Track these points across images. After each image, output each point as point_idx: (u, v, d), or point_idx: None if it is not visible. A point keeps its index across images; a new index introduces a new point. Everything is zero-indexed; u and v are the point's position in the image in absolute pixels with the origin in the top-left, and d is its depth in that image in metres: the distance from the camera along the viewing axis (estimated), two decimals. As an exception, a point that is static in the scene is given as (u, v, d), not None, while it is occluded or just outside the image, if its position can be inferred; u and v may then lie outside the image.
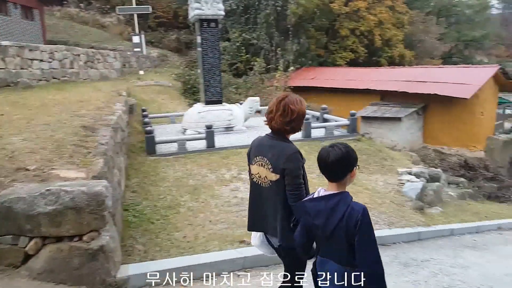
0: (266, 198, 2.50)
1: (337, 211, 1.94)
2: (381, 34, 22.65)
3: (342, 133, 10.69)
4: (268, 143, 2.53)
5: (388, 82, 17.91)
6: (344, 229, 1.91)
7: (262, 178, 2.50)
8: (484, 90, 16.25)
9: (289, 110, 2.42)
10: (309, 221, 2.04)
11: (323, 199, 2.02)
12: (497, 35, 62.37)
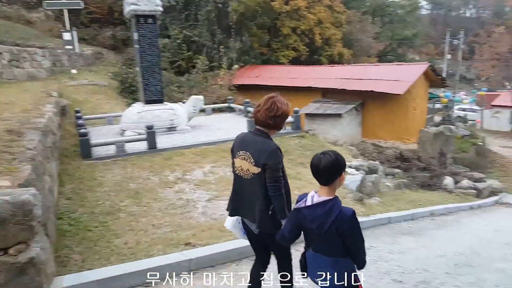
0: (247, 189, 2.75)
1: (331, 215, 2.23)
2: (321, 33, 23.33)
3: (287, 130, 10.83)
4: (251, 139, 2.74)
5: (328, 80, 18.49)
6: (336, 230, 2.23)
7: (244, 171, 2.73)
8: (416, 86, 17.33)
9: (275, 107, 2.68)
10: (306, 224, 2.32)
11: (318, 206, 2.28)
12: (427, 34, 67.21)
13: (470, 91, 48.00)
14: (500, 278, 4.58)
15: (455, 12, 79.36)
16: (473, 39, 43.83)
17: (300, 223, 2.37)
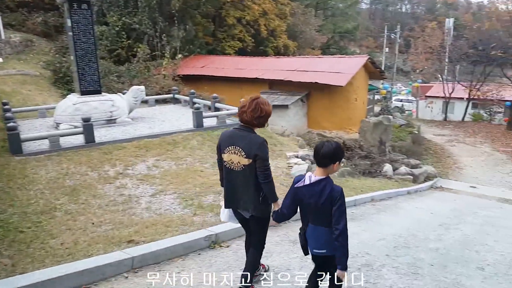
0: (238, 179, 3.08)
1: (325, 191, 2.71)
2: (266, 24, 23.43)
3: (234, 121, 10.73)
4: (239, 135, 3.07)
5: (275, 72, 18.64)
6: (329, 203, 2.70)
7: (235, 164, 3.06)
8: (357, 78, 18.01)
9: (259, 108, 3.02)
10: (305, 199, 2.78)
11: (315, 184, 2.74)
12: (367, 28, 70.17)
13: (407, 83, 51.08)
14: (434, 257, 4.87)
15: (392, 7, 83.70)
16: (409, 33, 46.50)
17: (300, 198, 2.82)
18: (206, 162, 7.67)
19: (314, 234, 2.86)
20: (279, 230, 5.36)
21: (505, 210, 9.24)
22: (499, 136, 23.05)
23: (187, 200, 5.84)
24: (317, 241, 2.85)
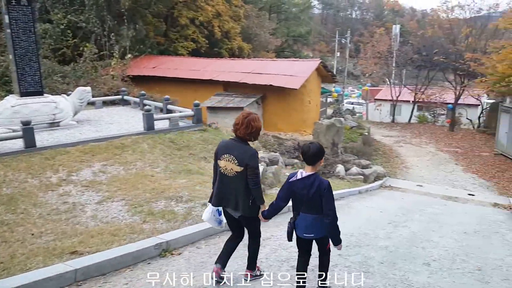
0: (230, 184, 3.48)
1: (314, 184, 3.21)
2: (220, 25, 23.29)
3: (187, 124, 10.53)
4: (234, 145, 3.49)
5: (230, 73, 18.54)
6: (318, 194, 3.20)
7: (228, 170, 3.46)
8: (310, 81, 18.37)
9: (251, 125, 3.43)
10: (298, 191, 3.26)
11: (306, 178, 3.24)
12: (319, 33, 72.07)
13: (357, 86, 52.98)
14: (384, 255, 5.01)
15: (343, 13, 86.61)
16: (359, 38, 48.24)
17: (294, 190, 3.29)
18: (157, 167, 7.43)
19: (305, 221, 3.32)
20: (233, 235, 5.27)
21: (448, 207, 9.77)
22: (442, 136, 24.50)
23: (136, 207, 5.59)
24: (307, 227, 3.32)
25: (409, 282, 4.15)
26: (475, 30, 26.30)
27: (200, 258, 4.38)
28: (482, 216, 8.84)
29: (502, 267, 5.00)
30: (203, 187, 6.77)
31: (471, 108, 29.81)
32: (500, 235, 6.98)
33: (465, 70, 25.06)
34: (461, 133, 25.68)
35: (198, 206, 5.85)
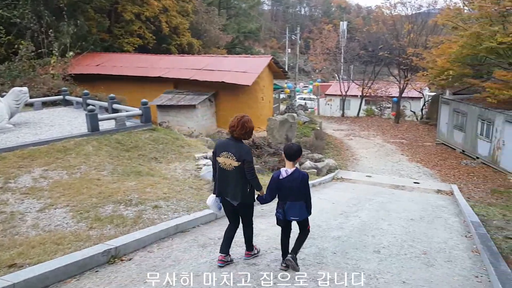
0: (230, 177, 3.99)
1: (297, 178, 3.91)
2: (167, 21, 22.68)
3: (135, 123, 10.13)
4: (231, 144, 4.00)
5: (180, 70, 18.15)
6: (302, 185, 3.93)
7: (227, 165, 3.97)
8: (263, 77, 18.46)
9: (245, 126, 3.95)
10: (286, 185, 3.91)
11: (291, 174, 3.91)
12: (270, 29, 72.68)
13: (308, 82, 54.14)
14: (336, 245, 5.12)
15: (292, 10, 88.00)
16: (308, 35, 49.32)
17: (282, 185, 3.92)
18: (103, 170, 7.07)
19: (293, 207, 3.97)
20: (188, 236, 5.14)
21: (395, 196, 10.24)
22: (388, 129, 25.69)
23: (82, 213, 5.28)
24: (294, 212, 3.97)
25: (360, 270, 4.26)
26: (416, 26, 27.78)
27: (152, 262, 4.21)
28: (426, 203, 9.35)
29: (445, 250, 5.30)
30: (154, 189, 6.55)
31: (414, 100, 31.55)
32: (443, 219, 7.41)
33: (408, 65, 26.44)
34: (405, 124, 27.08)
35: (149, 209, 5.64)
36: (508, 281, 3.94)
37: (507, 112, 14.78)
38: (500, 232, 6.43)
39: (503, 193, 12.63)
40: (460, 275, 4.38)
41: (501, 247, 5.34)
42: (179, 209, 5.89)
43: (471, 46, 16.24)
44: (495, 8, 15.36)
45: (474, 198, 11.72)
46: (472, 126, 17.20)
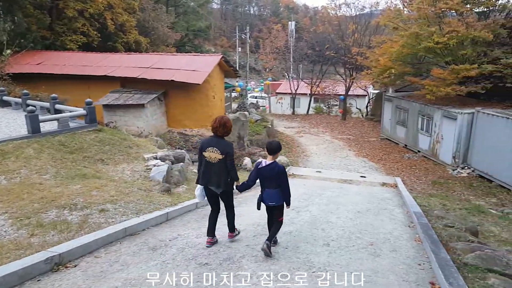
0: (214, 169, 4.62)
1: (275, 169, 4.50)
2: (113, 18, 21.82)
3: (80, 124, 9.68)
4: (216, 141, 4.65)
5: (127, 69, 17.53)
6: (278, 175, 4.50)
7: (212, 158, 4.60)
8: (213, 76, 18.33)
9: (226, 126, 4.66)
10: (265, 174, 4.55)
11: (269, 165, 4.51)
12: (219, 28, 72.37)
13: (259, 81, 54.60)
14: (288, 240, 5.22)
15: (241, 9, 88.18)
16: (258, 34, 49.66)
17: (262, 173, 4.57)
18: (46, 173, 6.69)
19: (270, 194, 4.60)
20: (137, 239, 4.99)
21: (344, 189, 10.64)
22: (336, 125, 26.60)
23: (22, 220, 4.96)
24: (272, 198, 4.59)
25: (311, 264, 4.38)
26: (360, 27, 28.99)
27: (99, 268, 4.04)
28: (372, 195, 9.81)
29: (390, 240, 5.59)
30: (101, 192, 6.29)
31: (360, 98, 32.94)
32: (388, 211, 7.81)
33: (353, 64, 27.53)
34: (352, 121, 28.20)
35: (96, 212, 5.41)
36: (448, 267, 4.18)
37: (444, 108, 15.88)
38: (440, 221, 6.91)
39: (443, 184, 13.58)
40: (405, 263, 4.63)
41: (441, 235, 5.72)
42: (127, 211, 5.72)
43: (410, 46, 17.24)
44: (432, 10, 16.42)
45: (416, 190, 12.50)
46: (413, 122, 18.28)
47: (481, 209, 9.54)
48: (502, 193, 12.50)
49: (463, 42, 15.62)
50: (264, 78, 52.29)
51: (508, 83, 14.89)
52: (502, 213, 9.58)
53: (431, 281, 4.07)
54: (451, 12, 17.16)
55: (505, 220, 8.60)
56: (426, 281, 4.08)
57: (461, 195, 12.27)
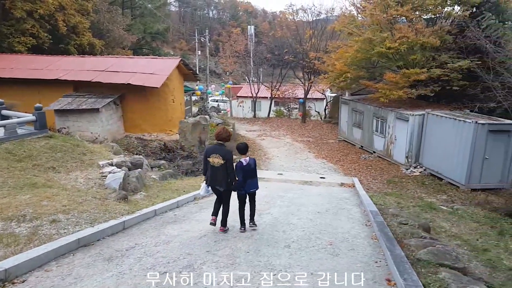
0: (218, 171, 5.66)
1: (252, 163, 5.84)
2: (65, 20, 20.91)
3: (29, 131, 9.17)
4: (218, 148, 5.74)
5: (81, 72, 16.88)
6: (254, 168, 5.89)
7: (216, 163, 5.62)
8: (172, 79, 18.04)
9: (227, 133, 5.90)
10: (247, 168, 5.73)
11: (249, 161, 5.77)
12: (178, 30, 71.36)
13: (220, 84, 54.43)
14: (250, 244, 5.21)
15: (200, 12, 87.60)
16: (217, 38, 49.52)
17: (245, 169, 5.72)
18: (2, 188, 6.25)
19: (252, 183, 5.87)
20: (92, 249, 4.77)
21: (305, 191, 10.80)
22: (296, 128, 27.00)
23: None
24: (251, 186, 5.87)
25: (272, 266, 4.39)
26: (317, 32, 29.66)
27: (49, 283, 3.81)
28: (332, 196, 10.03)
29: (348, 239, 5.73)
30: (52, 202, 5.97)
31: (318, 101, 33.70)
32: (346, 210, 8.02)
33: (311, 68, 28.12)
34: (311, 124, 28.74)
35: (46, 224, 5.12)
36: (402, 264, 4.34)
37: (397, 110, 16.58)
38: (395, 219, 7.17)
39: (397, 183, 14.14)
40: (362, 261, 4.75)
41: (396, 233, 5.94)
42: (81, 221, 5.46)
43: (364, 51, 17.86)
44: (384, 16, 17.12)
45: (372, 189, 12.92)
46: (369, 124, 18.93)
47: (432, 206, 10.03)
48: (451, 190, 13.22)
49: (413, 47, 16.40)
50: (224, 81, 52.18)
51: (455, 86, 15.83)
52: (452, 209, 10.12)
53: (387, 277, 4.20)
54: (401, 19, 17.98)
55: (454, 216, 9.09)
56: (383, 278, 4.21)
57: (414, 193, 12.84)
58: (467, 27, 15.15)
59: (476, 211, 10.10)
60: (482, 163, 13.00)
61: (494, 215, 9.63)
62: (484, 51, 14.68)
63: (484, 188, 12.98)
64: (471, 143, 12.84)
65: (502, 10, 16.27)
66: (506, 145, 13.06)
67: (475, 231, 7.77)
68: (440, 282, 3.98)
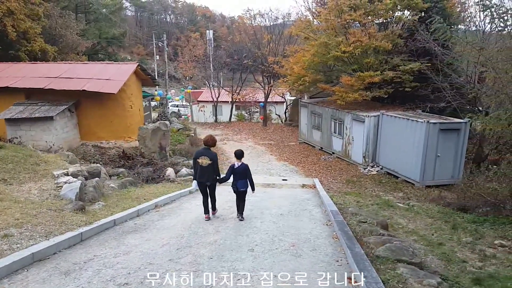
0: (206, 170, 6.89)
1: (243, 167, 7.08)
2: (14, 25, 19.81)
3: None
4: (206, 151, 7.00)
5: (33, 79, 16.07)
6: (245, 171, 7.10)
7: (204, 163, 6.83)
8: (130, 85, 17.59)
9: (213, 140, 7.30)
10: (238, 171, 7.04)
11: (240, 165, 7.05)
12: (135, 35, 69.87)
13: (180, 89, 53.74)
14: (213, 250, 5.20)
15: (157, 16, 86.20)
16: (176, 42, 48.92)
17: (235, 171, 7.01)
18: None
19: (242, 183, 6.98)
20: (47, 264, 4.58)
21: (268, 193, 10.91)
22: (258, 132, 27.21)
23: None
24: (242, 185, 6.97)
25: (236, 271, 4.42)
26: (275, 36, 30.10)
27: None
28: (294, 197, 10.20)
29: (310, 240, 5.86)
30: (3, 215, 5.67)
31: (279, 105, 34.16)
32: (308, 211, 8.19)
33: (270, 72, 28.49)
34: (272, 127, 29.08)
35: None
36: (362, 261, 4.51)
37: (353, 112, 17.16)
38: (355, 218, 7.42)
39: (356, 182, 14.62)
40: (324, 261, 4.88)
41: (356, 231, 6.15)
42: (35, 235, 5.22)
43: (321, 55, 18.36)
44: (338, 21, 17.70)
45: (333, 189, 13.27)
46: (327, 126, 19.45)
47: (390, 203, 10.45)
48: (407, 187, 13.86)
49: (367, 51, 17.07)
50: (184, 86, 51.56)
51: (407, 87, 16.64)
52: (408, 206, 10.60)
53: (348, 276, 4.34)
54: (355, 23, 18.67)
55: (411, 212, 9.53)
56: (344, 276, 4.35)
57: (372, 191, 13.34)
58: (416, 31, 16.01)
59: (431, 207, 10.64)
60: (434, 160, 13.73)
61: (448, 210, 10.17)
62: (433, 54, 15.60)
63: (438, 185, 13.73)
64: (424, 142, 13.53)
65: (449, 14, 17.34)
66: (456, 143, 13.89)
67: (430, 226, 8.19)
68: (398, 277, 4.18)
